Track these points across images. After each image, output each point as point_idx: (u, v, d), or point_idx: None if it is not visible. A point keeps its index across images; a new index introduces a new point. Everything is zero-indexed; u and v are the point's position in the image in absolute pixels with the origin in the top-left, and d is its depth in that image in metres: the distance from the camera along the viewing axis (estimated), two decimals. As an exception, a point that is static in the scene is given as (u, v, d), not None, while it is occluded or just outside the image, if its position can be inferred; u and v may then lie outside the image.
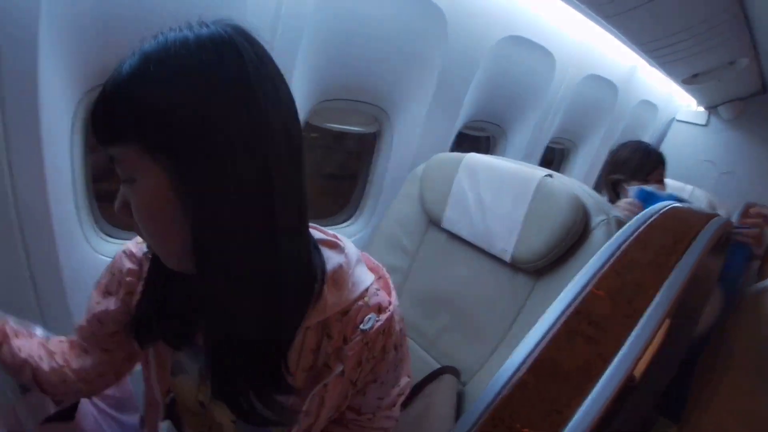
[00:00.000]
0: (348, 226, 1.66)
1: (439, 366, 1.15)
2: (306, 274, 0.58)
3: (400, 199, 1.40)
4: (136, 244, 0.70)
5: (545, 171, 1.12)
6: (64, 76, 0.98)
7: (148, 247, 0.64)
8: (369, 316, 0.59)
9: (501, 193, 1.16)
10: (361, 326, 0.58)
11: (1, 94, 0.88)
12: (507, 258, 1.12)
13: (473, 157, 1.25)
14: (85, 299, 0.86)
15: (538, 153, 2.11)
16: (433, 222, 1.31)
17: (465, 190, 1.22)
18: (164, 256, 0.54)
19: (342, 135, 1.62)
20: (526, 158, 1.97)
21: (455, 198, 1.23)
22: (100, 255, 1.22)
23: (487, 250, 1.17)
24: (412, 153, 1.53)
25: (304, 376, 0.60)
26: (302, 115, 1.33)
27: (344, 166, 1.92)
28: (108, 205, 1.24)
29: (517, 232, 1.11)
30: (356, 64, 1.32)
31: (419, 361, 1.20)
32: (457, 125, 1.65)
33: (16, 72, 0.88)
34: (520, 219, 1.10)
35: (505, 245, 1.12)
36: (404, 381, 0.72)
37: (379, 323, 0.59)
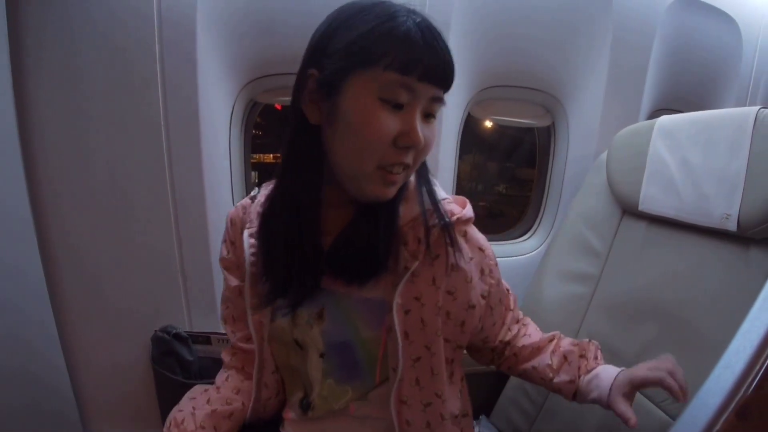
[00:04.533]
0: (527, 239, 1.47)
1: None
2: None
3: (583, 193, 1.19)
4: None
5: (758, 106, 0.83)
6: (222, 72, 1.14)
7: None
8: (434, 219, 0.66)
9: (710, 146, 0.89)
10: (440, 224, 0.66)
11: (164, 87, 1.07)
12: (732, 226, 0.81)
13: (667, 118, 1.00)
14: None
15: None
16: (628, 210, 1.06)
17: (664, 157, 0.97)
18: (407, 177, 0.64)
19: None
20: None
21: (653, 170, 0.99)
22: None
23: (704, 224, 0.87)
24: (593, 145, 1.31)
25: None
26: (462, 106, 1.31)
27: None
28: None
29: (740, 187, 0.81)
30: (516, 45, 1.24)
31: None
32: (644, 110, 1.36)
33: (177, 67, 1.07)
34: (742, 169, 0.82)
35: (727, 208, 0.82)
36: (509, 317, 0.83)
37: (443, 222, 0.65)
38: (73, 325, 1.22)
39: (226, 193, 1.27)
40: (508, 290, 0.82)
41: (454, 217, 0.67)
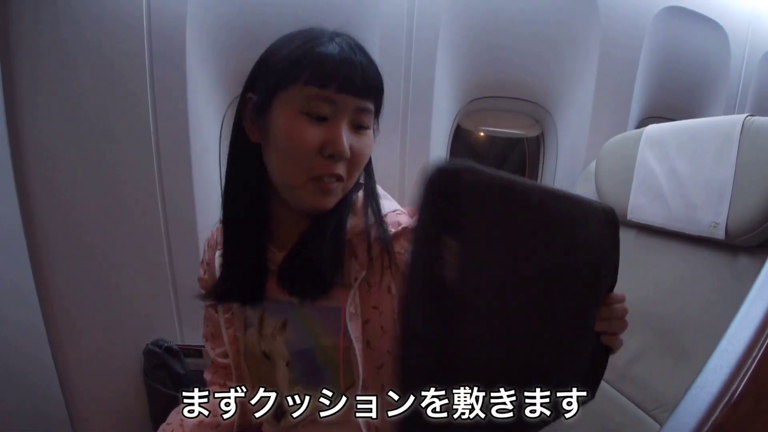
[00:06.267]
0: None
1: (631, 403, 0.90)
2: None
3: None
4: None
5: (745, 114, 0.84)
6: (211, 86, 1.15)
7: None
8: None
9: (698, 155, 0.89)
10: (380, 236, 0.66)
11: (154, 100, 1.09)
12: (720, 234, 0.82)
13: (654, 127, 1.01)
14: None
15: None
16: (617, 219, 1.06)
17: (652, 167, 0.97)
18: (346, 188, 0.66)
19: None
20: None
21: (641, 179, 0.99)
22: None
23: (692, 232, 0.88)
24: (582, 155, 1.32)
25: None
26: (451, 116, 1.32)
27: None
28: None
29: (727, 196, 0.82)
30: (504, 57, 1.25)
31: (605, 401, 0.93)
32: (633, 119, 1.37)
33: (167, 82, 1.08)
34: (729, 177, 0.82)
35: (715, 216, 0.83)
36: None
37: (394, 230, 0.66)
38: (65, 338, 1.21)
39: (217, 206, 1.23)
40: None
41: (400, 227, 0.67)
